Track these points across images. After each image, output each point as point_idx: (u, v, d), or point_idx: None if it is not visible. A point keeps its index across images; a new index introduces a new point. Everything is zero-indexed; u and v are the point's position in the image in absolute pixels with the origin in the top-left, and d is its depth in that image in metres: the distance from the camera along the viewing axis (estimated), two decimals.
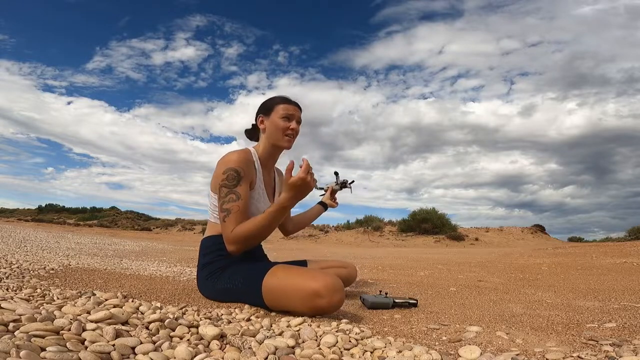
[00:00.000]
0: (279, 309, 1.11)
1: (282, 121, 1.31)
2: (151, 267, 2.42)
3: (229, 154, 1.26)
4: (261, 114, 1.36)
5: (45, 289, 1.19)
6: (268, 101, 1.37)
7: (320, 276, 1.05)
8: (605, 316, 1.16)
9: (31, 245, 3.53)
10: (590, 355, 0.74)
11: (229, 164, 1.21)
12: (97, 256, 3.04)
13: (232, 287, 1.20)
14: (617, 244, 5.91)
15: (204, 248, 1.33)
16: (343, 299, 1.07)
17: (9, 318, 0.69)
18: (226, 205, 1.17)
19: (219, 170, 1.22)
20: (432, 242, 11.65)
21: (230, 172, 1.20)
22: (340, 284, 1.07)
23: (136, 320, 0.81)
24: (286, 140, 1.33)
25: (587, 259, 3.79)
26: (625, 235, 11.60)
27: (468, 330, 0.96)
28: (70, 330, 0.67)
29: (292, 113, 1.33)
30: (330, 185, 1.74)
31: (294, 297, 1.04)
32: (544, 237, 13.48)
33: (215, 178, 1.26)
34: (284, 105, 1.33)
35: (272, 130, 1.32)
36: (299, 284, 1.05)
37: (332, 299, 1.02)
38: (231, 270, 1.23)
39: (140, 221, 19.74)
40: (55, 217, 19.36)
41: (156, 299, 1.21)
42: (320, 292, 1.01)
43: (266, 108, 1.35)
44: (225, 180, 1.19)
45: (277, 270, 1.13)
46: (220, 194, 1.19)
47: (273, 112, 1.33)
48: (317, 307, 1.02)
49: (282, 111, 1.32)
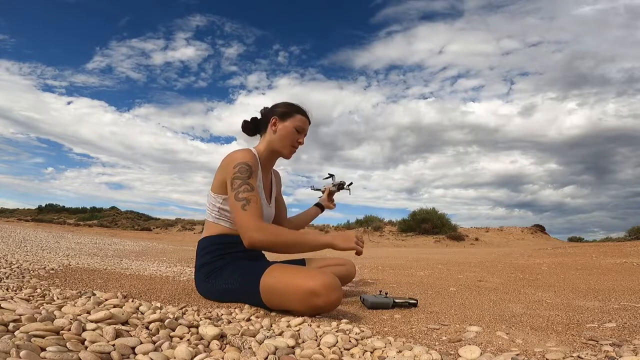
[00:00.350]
0: (277, 308, 1.11)
1: (294, 132, 1.32)
2: (151, 267, 2.42)
3: (235, 151, 1.26)
4: (276, 116, 1.34)
5: (45, 289, 1.19)
6: (288, 106, 1.35)
7: (317, 275, 1.05)
8: (605, 316, 1.16)
9: (31, 245, 3.53)
10: (590, 355, 0.74)
11: (239, 160, 1.21)
12: (97, 256, 3.04)
13: (230, 287, 1.19)
14: (617, 244, 5.91)
15: (202, 248, 1.32)
16: (340, 297, 1.06)
17: (9, 318, 0.69)
18: (242, 194, 1.16)
19: (228, 166, 1.22)
20: (432, 242, 11.65)
21: (242, 165, 1.20)
22: (337, 283, 1.06)
23: (136, 320, 0.81)
24: (290, 151, 1.34)
25: (587, 259, 3.79)
26: (625, 235, 11.60)
27: (468, 330, 0.96)
28: (70, 330, 0.67)
29: (305, 127, 1.34)
30: (327, 187, 1.73)
31: (291, 297, 1.04)
32: (544, 237, 13.49)
33: (221, 174, 1.25)
34: (302, 117, 1.34)
35: (281, 136, 1.32)
36: (296, 283, 1.05)
37: (329, 298, 1.02)
38: (229, 270, 1.22)
39: (140, 221, 19.73)
40: (55, 217, 19.36)
41: (156, 299, 1.21)
42: (317, 290, 1.01)
43: (285, 113, 1.34)
44: (238, 173, 1.19)
45: (274, 270, 1.13)
46: (233, 185, 1.18)
47: (290, 119, 1.32)
48: (315, 306, 1.02)
49: (299, 122, 1.33)
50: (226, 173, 1.22)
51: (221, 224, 1.30)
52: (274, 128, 1.33)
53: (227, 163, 1.23)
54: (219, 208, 1.29)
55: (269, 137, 1.35)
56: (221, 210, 1.28)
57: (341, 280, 1.45)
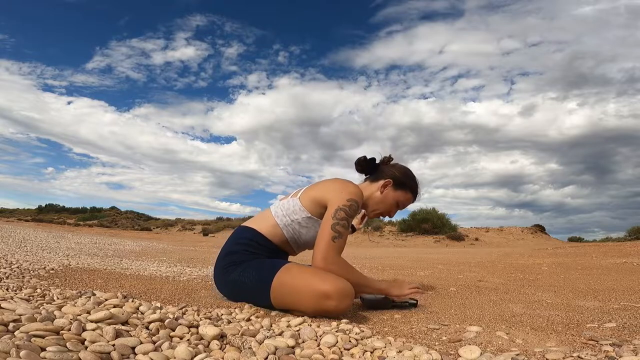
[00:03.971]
0: (283, 306, 1.11)
1: (397, 205, 1.34)
2: (151, 267, 2.42)
3: (350, 183, 1.26)
4: (393, 181, 1.34)
5: (45, 289, 1.19)
6: (409, 179, 1.37)
7: (332, 279, 1.06)
8: (605, 316, 1.16)
9: (31, 245, 3.53)
10: (590, 355, 0.74)
11: (353, 195, 1.20)
12: (97, 256, 3.04)
13: (244, 281, 1.17)
14: (617, 244, 5.91)
15: (239, 238, 1.28)
16: (350, 305, 1.08)
17: (9, 318, 0.69)
18: (339, 228, 1.16)
19: (338, 193, 1.20)
20: (432, 242, 11.65)
21: (354, 203, 1.19)
22: (351, 290, 1.08)
23: (136, 320, 0.81)
24: (374, 215, 1.37)
25: (587, 259, 3.79)
26: (625, 235, 11.61)
27: (468, 330, 0.96)
28: (70, 330, 0.67)
29: (407, 206, 1.37)
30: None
31: (304, 296, 1.05)
32: (544, 237, 13.49)
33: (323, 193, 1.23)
34: (411, 197, 1.37)
35: (384, 202, 1.33)
36: (311, 283, 1.06)
37: (340, 303, 1.04)
38: (247, 265, 1.20)
39: (141, 221, 19.74)
40: (55, 217, 19.36)
41: (156, 299, 1.21)
42: (331, 294, 1.02)
43: (402, 183, 1.34)
44: (347, 208, 1.18)
45: (291, 267, 1.14)
46: (336, 215, 1.17)
47: (401, 192, 1.34)
48: (325, 308, 1.03)
49: (405, 200, 1.36)
50: (332, 197, 1.20)
51: (279, 231, 1.27)
52: (382, 190, 1.33)
53: (338, 188, 1.22)
54: (293, 219, 1.26)
55: (373, 192, 1.34)
56: (294, 222, 1.26)
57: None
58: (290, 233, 1.27)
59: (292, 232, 1.27)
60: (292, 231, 1.27)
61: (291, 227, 1.26)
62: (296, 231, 1.27)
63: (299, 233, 1.27)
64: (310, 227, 1.26)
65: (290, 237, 1.27)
